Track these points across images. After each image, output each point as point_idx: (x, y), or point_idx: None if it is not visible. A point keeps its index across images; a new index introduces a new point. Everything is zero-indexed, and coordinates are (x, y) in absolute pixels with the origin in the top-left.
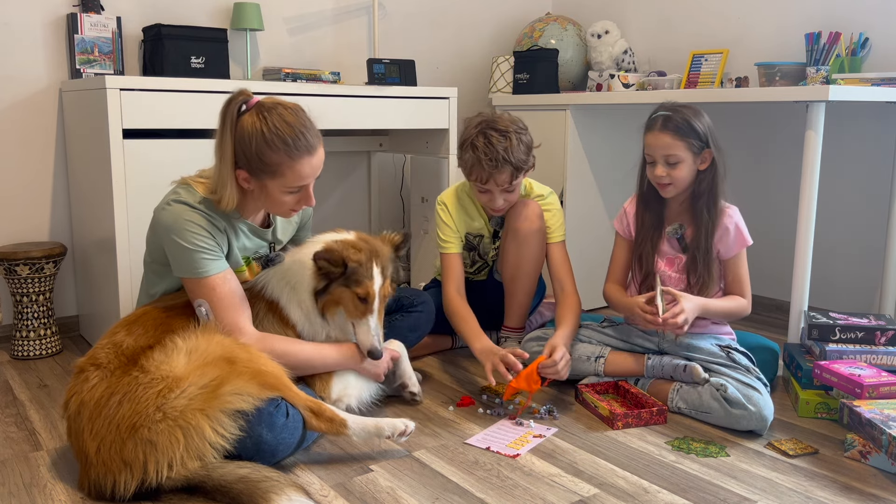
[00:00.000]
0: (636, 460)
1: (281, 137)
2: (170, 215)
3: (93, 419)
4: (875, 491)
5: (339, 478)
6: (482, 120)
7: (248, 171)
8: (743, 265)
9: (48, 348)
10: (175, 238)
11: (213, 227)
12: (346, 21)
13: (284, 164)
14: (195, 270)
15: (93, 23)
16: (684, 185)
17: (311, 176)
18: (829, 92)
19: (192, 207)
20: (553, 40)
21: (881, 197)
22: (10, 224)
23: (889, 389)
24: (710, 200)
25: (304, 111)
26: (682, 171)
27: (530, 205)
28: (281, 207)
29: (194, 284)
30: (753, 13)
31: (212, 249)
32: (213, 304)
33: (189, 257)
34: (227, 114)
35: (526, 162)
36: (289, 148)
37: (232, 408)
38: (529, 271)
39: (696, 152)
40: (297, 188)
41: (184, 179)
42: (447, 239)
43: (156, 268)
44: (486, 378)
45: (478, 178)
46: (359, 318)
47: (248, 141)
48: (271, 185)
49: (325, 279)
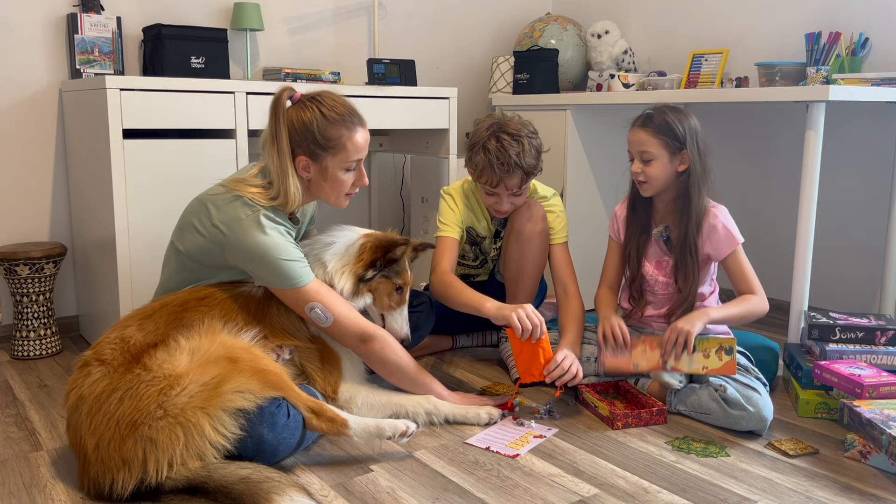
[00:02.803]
0: (636, 460)
1: (339, 113)
2: (257, 237)
3: (92, 414)
4: (875, 491)
5: (339, 478)
6: (493, 122)
7: (308, 155)
8: (743, 262)
9: (48, 348)
10: (273, 257)
11: (291, 236)
12: (346, 21)
13: (344, 137)
14: (297, 282)
15: (93, 23)
16: (660, 184)
17: (365, 149)
18: (829, 92)
19: (273, 223)
20: (553, 40)
21: (881, 197)
22: (10, 224)
23: (889, 389)
24: (687, 202)
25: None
26: (655, 169)
27: (534, 206)
28: (340, 189)
29: (298, 294)
30: (753, 13)
31: (302, 258)
32: (325, 304)
33: (287, 271)
34: (279, 108)
35: (536, 167)
36: (346, 122)
37: (233, 406)
38: (531, 272)
39: (672, 151)
40: (354, 163)
41: (231, 189)
42: (447, 223)
43: (193, 266)
44: (486, 378)
45: (488, 182)
46: (392, 309)
47: (308, 125)
48: (332, 163)
49: (372, 268)
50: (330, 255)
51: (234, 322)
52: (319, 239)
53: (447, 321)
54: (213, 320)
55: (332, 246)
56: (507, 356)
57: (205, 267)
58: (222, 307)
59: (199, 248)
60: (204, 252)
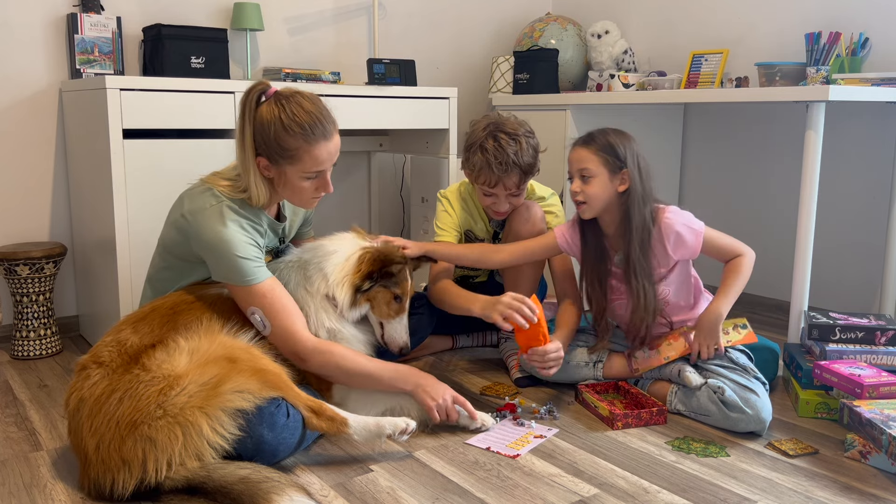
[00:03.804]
0: (636, 460)
1: (298, 123)
2: (215, 228)
3: (92, 415)
4: (875, 491)
5: (339, 478)
6: (490, 122)
7: (267, 157)
8: (717, 240)
9: (48, 348)
10: (225, 250)
11: (256, 233)
12: (346, 21)
13: (302, 149)
14: (245, 279)
15: (93, 23)
16: (599, 204)
17: (328, 161)
18: (829, 92)
19: (237, 215)
20: (553, 40)
21: (881, 197)
22: (10, 224)
23: (889, 389)
24: (628, 223)
25: (320, 100)
26: (595, 188)
27: (532, 207)
28: (302, 195)
29: (244, 293)
30: (753, 13)
31: (259, 257)
32: (266, 311)
33: (239, 266)
34: (247, 103)
35: (534, 166)
36: (306, 133)
37: (232, 406)
38: (529, 274)
39: (612, 170)
40: (314, 174)
41: (206, 182)
42: (444, 228)
43: (176, 264)
44: (486, 378)
45: (486, 182)
46: (391, 318)
47: (267, 128)
48: (290, 171)
49: (369, 279)
50: (332, 267)
51: (227, 323)
52: (322, 246)
53: (447, 322)
54: (207, 321)
55: (333, 255)
56: (508, 356)
57: (179, 260)
58: (213, 309)
59: (172, 239)
60: (176, 243)
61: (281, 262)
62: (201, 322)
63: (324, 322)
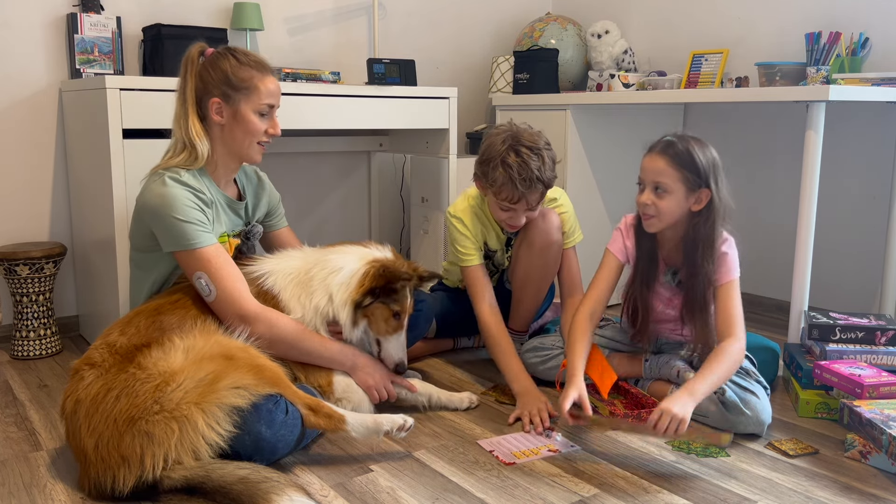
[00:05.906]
0: (636, 460)
1: (250, 58)
2: (156, 193)
3: (90, 415)
4: (875, 491)
5: (339, 478)
6: (508, 135)
7: (221, 97)
8: (734, 297)
9: (48, 348)
10: (166, 213)
11: (199, 200)
12: (346, 21)
13: (256, 79)
14: (188, 242)
15: (93, 23)
16: (669, 220)
17: (277, 95)
18: (829, 92)
19: (177, 182)
20: (553, 40)
21: (881, 197)
22: (10, 224)
23: (889, 389)
24: (707, 250)
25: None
26: (668, 203)
27: (549, 216)
28: (253, 133)
29: (189, 257)
30: (753, 13)
31: (203, 222)
32: (212, 275)
33: (181, 230)
34: (189, 61)
35: (553, 179)
36: (259, 66)
37: (228, 402)
38: (538, 282)
39: (690, 188)
40: (266, 107)
41: (153, 170)
42: (468, 252)
43: (141, 260)
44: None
45: (508, 198)
46: (388, 334)
47: (223, 68)
48: (244, 106)
49: (371, 295)
50: (336, 286)
51: (208, 318)
52: (330, 261)
53: (448, 323)
54: (192, 319)
55: (339, 273)
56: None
57: (141, 253)
58: (196, 308)
59: (133, 232)
60: (135, 234)
61: (282, 271)
62: (185, 321)
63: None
